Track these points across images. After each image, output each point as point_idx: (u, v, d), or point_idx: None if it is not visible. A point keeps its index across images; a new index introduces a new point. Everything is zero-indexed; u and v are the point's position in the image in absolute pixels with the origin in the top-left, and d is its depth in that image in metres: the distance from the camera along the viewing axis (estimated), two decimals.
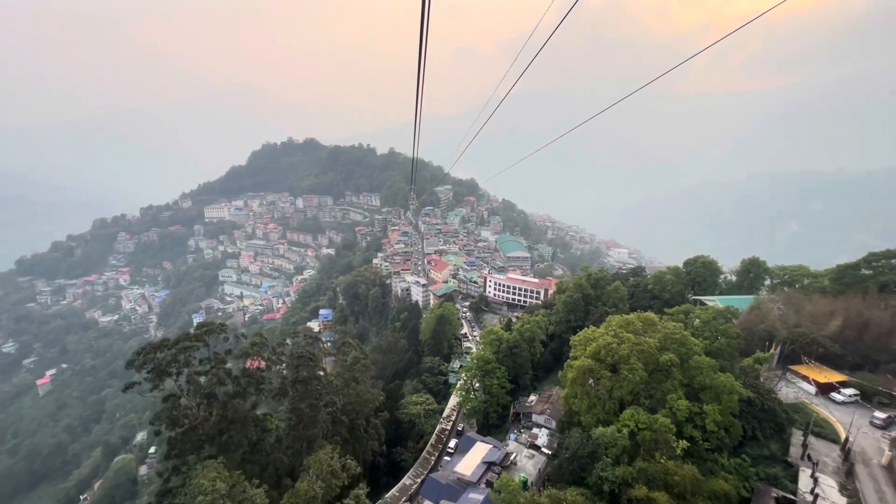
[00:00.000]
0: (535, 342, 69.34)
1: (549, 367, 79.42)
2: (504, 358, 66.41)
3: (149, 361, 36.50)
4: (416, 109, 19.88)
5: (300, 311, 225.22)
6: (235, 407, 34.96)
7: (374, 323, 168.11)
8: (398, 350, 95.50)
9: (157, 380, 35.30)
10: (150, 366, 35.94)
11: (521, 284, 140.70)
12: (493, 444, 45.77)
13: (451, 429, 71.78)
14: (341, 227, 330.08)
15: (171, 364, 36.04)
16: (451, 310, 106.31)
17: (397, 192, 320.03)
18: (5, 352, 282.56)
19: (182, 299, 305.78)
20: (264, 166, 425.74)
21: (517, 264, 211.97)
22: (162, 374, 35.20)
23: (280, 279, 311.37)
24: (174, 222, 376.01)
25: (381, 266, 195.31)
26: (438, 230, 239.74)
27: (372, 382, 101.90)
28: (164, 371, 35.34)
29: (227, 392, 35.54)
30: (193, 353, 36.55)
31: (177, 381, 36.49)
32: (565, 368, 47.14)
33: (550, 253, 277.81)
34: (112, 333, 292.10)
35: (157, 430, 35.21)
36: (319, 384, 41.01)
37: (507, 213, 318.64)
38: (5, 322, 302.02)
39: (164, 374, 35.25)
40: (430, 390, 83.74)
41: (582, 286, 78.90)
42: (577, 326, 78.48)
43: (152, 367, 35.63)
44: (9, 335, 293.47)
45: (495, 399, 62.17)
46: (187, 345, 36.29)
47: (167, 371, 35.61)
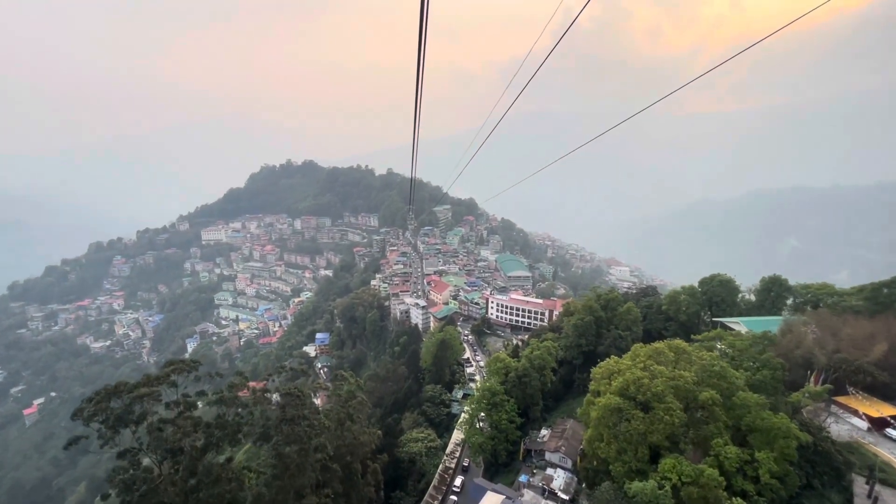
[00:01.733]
0: (546, 370, 64.08)
1: (558, 395, 74.03)
2: (512, 388, 61.03)
3: (100, 411, 30.71)
4: (414, 130, 19.80)
5: (297, 334, 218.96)
6: (206, 464, 29.71)
7: (373, 347, 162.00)
8: (397, 378, 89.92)
9: (110, 432, 30.09)
10: (101, 416, 30.49)
11: (525, 306, 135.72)
12: (505, 493, 40.34)
13: (456, 466, 65.80)
14: (339, 248, 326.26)
15: (127, 414, 30.70)
16: (453, 334, 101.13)
17: (396, 213, 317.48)
18: None
19: (176, 324, 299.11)
20: (262, 188, 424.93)
21: (518, 284, 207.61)
22: (116, 426, 30.11)
23: (277, 302, 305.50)
24: (170, 245, 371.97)
25: (379, 288, 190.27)
26: (438, 250, 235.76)
27: (370, 413, 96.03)
28: (118, 422, 30.22)
29: (195, 446, 30.34)
30: (155, 400, 31.30)
31: (135, 433, 31.33)
32: (585, 405, 42.05)
33: (551, 272, 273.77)
34: (103, 360, 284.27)
35: (106, 494, 29.61)
36: (308, 425, 35.90)
37: (507, 232, 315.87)
38: None
39: (120, 425, 30.12)
40: (431, 422, 77.95)
41: (592, 308, 74.20)
42: (588, 352, 73.53)
43: (104, 417, 30.49)
44: None
45: (504, 435, 56.57)
46: (145, 392, 31.05)
47: (123, 421, 30.43)
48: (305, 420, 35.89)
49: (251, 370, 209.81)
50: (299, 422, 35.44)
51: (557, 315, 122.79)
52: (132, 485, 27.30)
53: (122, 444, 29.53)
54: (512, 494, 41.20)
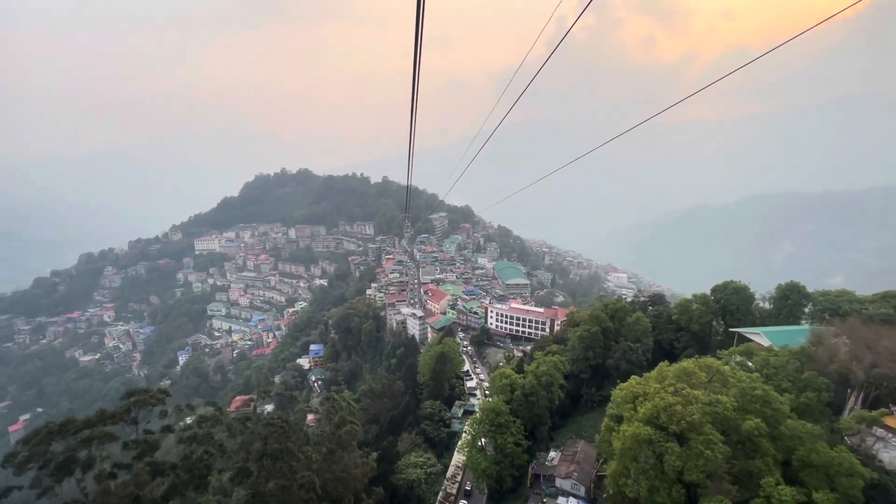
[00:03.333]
0: (554, 388, 59.87)
1: (565, 411, 69.80)
2: (518, 407, 56.77)
3: (37, 456, 26.08)
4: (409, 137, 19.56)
5: (290, 345, 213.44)
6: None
7: (368, 359, 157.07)
8: (393, 394, 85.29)
9: (50, 481, 25.51)
10: (39, 463, 25.74)
11: (525, 315, 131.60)
12: None
13: (458, 491, 61.23)
14: (335, 256, 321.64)
15: (69, 460, 26.06)
16: (452, 346, 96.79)
17: (391, 220, 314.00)
18: None
19: (168, 335, 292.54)
20: (257, 197, 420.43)
21: (517, 292, 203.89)
22: (57, 474, 25.66)
23: (271, 312, 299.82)
24: (163, 255, 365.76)
25: (374, 297, 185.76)
26: (434, 258, 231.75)
27: (365, 431, 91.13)
28: (59, 470, 25.64)
29: (153, 497, 25.85)
30: (108, 441, 26.74)
31: (81, 483, 26.73)
32: (604, 431, 37.90)
33: (549, 279, 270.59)
34: (93, 373, 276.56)
35: None
36: (293, 459, 31.64)
37: (504, 240, 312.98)
38: None
39: (61, 473, 25.72)
40: (430, 441, 73.32)
41: (599, 318, 70.30)
42: (596, 365, 69.54)
43: (43, 464, 25.85)
44: None
45: (509, 459, 52.10)
46: (95, 434, 26.47)
47: (65, 469, 25.95)
48: (290, 454, 31.68)
49: (244, 383, 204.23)
50: (283, 456, 31.24)
51: (560, 325, 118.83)
52: None
53: (64, 496, 24.98)
54: None
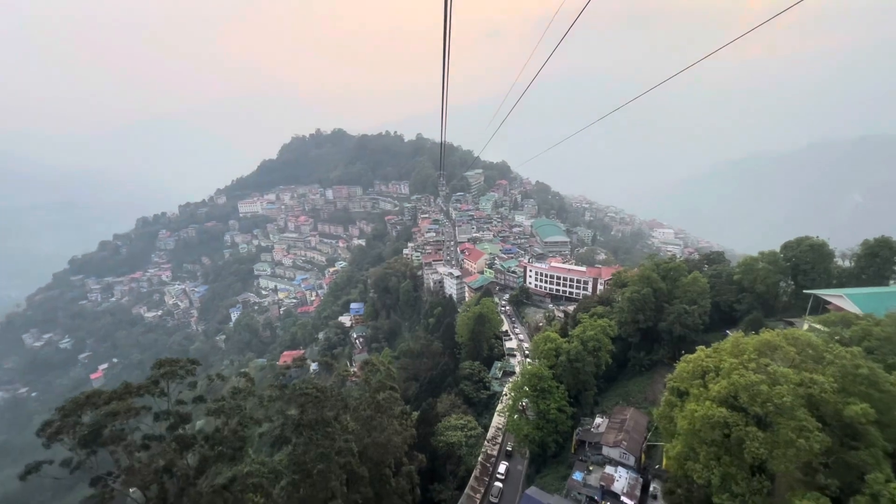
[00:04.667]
0: (602, 353, 56.68)
1: (611, 375, 66.74)
2: (563, 373, 54.34)
3: (66, 429, 25.16)
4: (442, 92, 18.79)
5: (332, 304, 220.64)
6: (193, 495, 24.91)
7: (407, 317, 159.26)
8: (432, 354, 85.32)
9: (83, 454, 25.06)
10: (70, 435, 25.09)
11: (567, 274, 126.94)
12: None
13: (499, 452, 60.88)
14: (371, 216, 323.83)
15: (96, 433, 25.42)
16: (490, 307, 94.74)
17: (426, 179, 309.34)
18: (62, 347, 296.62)
19: (220, 294, 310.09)
20: (294, 159, 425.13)
21: (556, 250, 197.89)
22: (88, 446, 25.24)
23: (313, 271, 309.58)
24: (210, 218, 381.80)
25: (411, 257, 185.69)
26: (470, 216, 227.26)
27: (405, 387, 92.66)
28: (87, 442, 25.13)
29: (186, 470, 25.58)
30: (134, 415, 26.30)
31: (114, 454, 26.21)
32: (664, 407, 34.48)
33: (590, 236, 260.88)
34: (157, 328, 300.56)
35: None
36: (329, 430, 30.93)
37: (542, 196, 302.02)
38: (62, 319, 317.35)
39: (90, 445, 25.23)
40: (469, 402, 73.06)
41: (650, 279, 65.13)
42: (647, 329, 65.20)
43: (77, 437, 25.01)
44: (65, 331, 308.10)
45: (553, 425, 50.37)
46: (117, 408, 26.06)
47: (94, 441, 25.35)
48: (326, 423, 30.88)
49: (290, 339, 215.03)
50: (319, 426, 30.49)
51: (604, 285, 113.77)
52: None
53: (97, 468, 24.99)
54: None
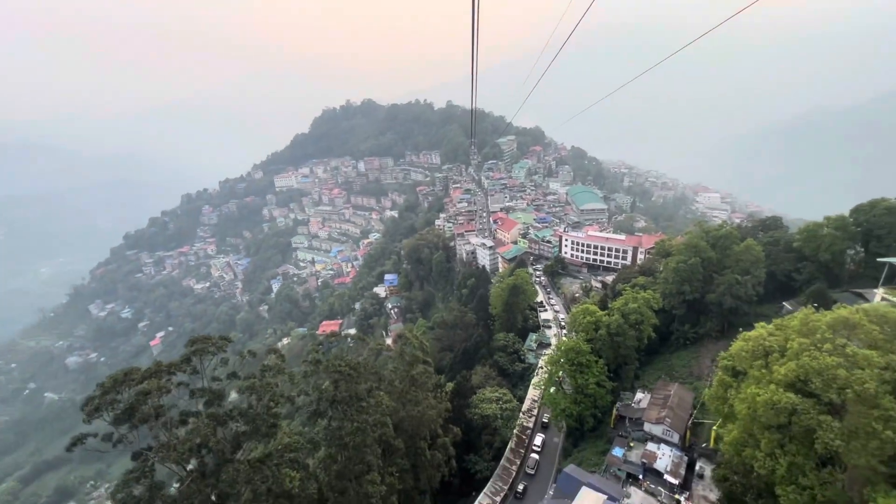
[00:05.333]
0: (644, 326, 54.03)
1: (652, 348, 63.88)
2: (603, 347, 52.34)
3: (105, 406, 25.89)
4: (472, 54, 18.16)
5: (367, 275, 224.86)
6: (232, 470, 25.41)
7: (440, 288, 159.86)
8: (465, 325, 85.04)
9: (126, 430, 25.82)
10: (108, 412, 25.75)
11: (604, 243, 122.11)
12: (605, 490, 32.64)
13: (535, 424, 60.45)
14: (403, 188, 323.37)
15: (132, 410, 25.96)
16: (524, 277, 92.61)
17: (457, 148, 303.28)
18: (124, 316, 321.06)
19: (261, 266, 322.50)
20: (325, 132, 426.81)
21: (593, 218, 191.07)
22: (127, 422, 25.92)
23: (348, 243, 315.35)
24: (248, 193, 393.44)
25: (443, 228, 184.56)
26: (503, 185, 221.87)
27: (439, 357, 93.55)
28: (124, 418, 25.80)
29: (222, 446, 26.06)
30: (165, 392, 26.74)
31: (153, 430, 26.70)
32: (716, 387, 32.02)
33: (629, 203, 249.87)
34: (206, 299, 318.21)
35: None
36: (364, 403, 30.95)
37: (578, 162, 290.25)
38: (122, 291, 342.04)
39: (127, 421, 25.91)
40: (503, 373, 72.67)
41: (698, 248, 60.77)
42: (693, 301, 61.47)
43: (115, 413, 25.69)
44: (125, 302, 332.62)
45: (591, 400, 48.97)
46: (148, 387, 26.03)
47: (131, 418, 25.89)
48: (360, 400, 30.85)
49: (328, 309, 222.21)
50: (352, 402, 30.50)
51: (644, 253, 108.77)
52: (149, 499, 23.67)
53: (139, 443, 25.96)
54: (615, 493, 34.05)
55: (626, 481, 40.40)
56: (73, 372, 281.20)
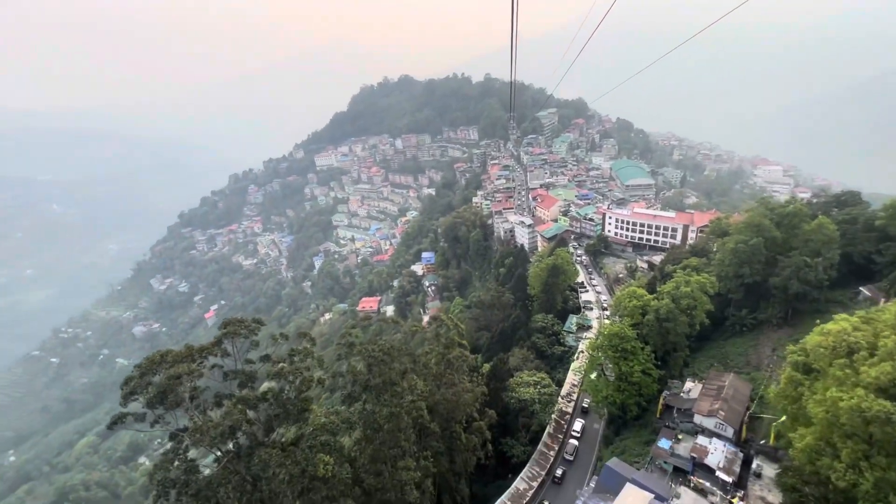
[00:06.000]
0: (698, 312, 50.16)
1: (703, 334, 59.71)
2: (650, 333, 49.22)
3: (139, 389, 26.22)
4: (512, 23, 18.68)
5: (405, 253, 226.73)
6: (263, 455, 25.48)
7: (477, 266, 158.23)
8: (503, 306, 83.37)
9: (161, 411, 26.08)
10: (143, 394, 26.08)
11: (651, 220, 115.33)
12: (652, 489, 30.59)
13: (575, 408, 58.72)
14: (440, 165, 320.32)
15: (165, 392, 25.94)
16: (565, 257, 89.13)
17: (496, 122, 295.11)
18: (181, 290, 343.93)
19: (304, 244, 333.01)
20: (363, 110, 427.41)
21: (639, 194, 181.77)
22: (160, 404, 25.96)
23: (386, 221, 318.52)
24: (291, 173, 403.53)
25: (481, 205, 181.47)
26: (543, 160, 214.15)
27: (476, 336, 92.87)
28: (157, 401, 25.83)
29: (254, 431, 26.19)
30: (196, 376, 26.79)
31: (188, 411, 26.84)
32: (785, 384, 28.88)
33: (679, 177, 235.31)
34: (254, 275, 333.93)
35: None
36: (398, 387, 30.46)
37: (623, 135, 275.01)
38: (178, 266, 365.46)
39: (160, 404, 25.93)
40: (541, 355, 70.87)
41: (761, 227, 55.27)
42: (753, 284, 56.43)
43: (149, 397, 25.92)
44: (182, 277, 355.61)
45: (636, 388, 46.45)
46: (179, 371, 25.95)
47: (164, 401, 25.94)
48: (394, 385, 30.35)
49: (368, 286, 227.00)
50: (386, 388, 30.05)
51: (696, 232, 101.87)
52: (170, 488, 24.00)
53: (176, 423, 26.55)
54: (662, 491, 31.97)
55: (672, 476, 38.16)
56: (139, 340, 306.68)
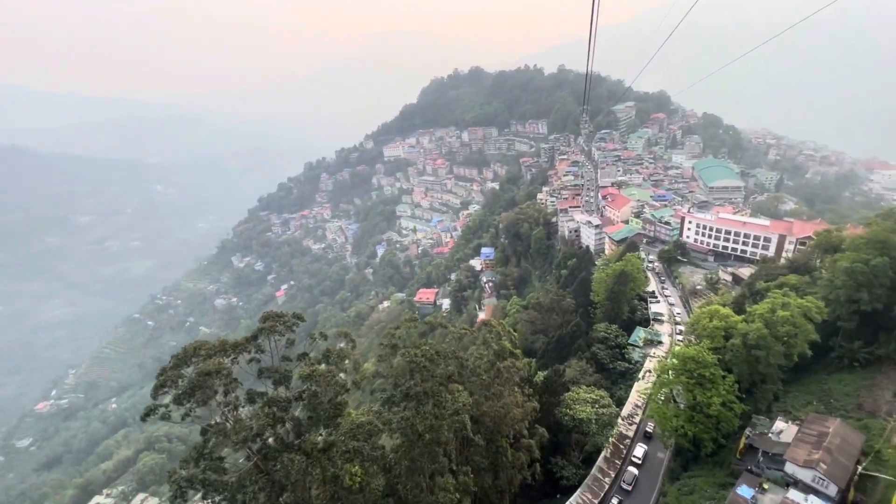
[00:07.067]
0: (798, 341, 42.73)
1: (801, 363, 51.31)
2: (735, 359, 42.82)
3: (169, 383, 25.80)
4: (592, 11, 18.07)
5: (464, 247, 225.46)
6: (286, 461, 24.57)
7: (538, 266, 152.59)
8: (562, 310, 78.46)
9: (193, 406, 25.47)
10: (172, 390, 25.70)
11: (740, 228, 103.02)
12: None
13: (636, 433, 53.45)
14: (506, 159, 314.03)
15: (195, 389, 25.30)
16: (635, 263, 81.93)
17: (567, 116, 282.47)
18: (257, 269, 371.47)
19: (368, 231, 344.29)
20: (432, 102, 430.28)
21: (725, 197, 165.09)
22: (188, 401, 25.35)
23: (448, 214, 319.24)
24: (360, 162, 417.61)
25: (545, 202, 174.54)
26: (617, 157, 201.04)
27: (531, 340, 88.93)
28: (185, 397, 25.25)
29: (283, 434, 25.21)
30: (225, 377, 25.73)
31: (220, 405, 26.28)
32: None
33: (774, 180, 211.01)
34: (321, 259, 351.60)
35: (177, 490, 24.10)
36: (440, 398, 28.41)
37: (710, 131, 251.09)
38: (255, 246, 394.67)
39: (187, 400, 25.32)
40: (601, 368, 65.55)
41: (888, 244, 45.91)
42: (871, 312, 47.26)
43: (176, 393, 25.52)
44: (258, 257, 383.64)
45: (713, 421, 40.57)
46: (208, 369, 25.34)
47: (194, 396, 25.29)
48: (435, 396, 28.39)
49: (426, 277, 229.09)
50: (426, 400, 28.17)
51: (795, 244, 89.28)
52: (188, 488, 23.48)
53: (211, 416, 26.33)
54: None
55: None
56: (219, 311, 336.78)
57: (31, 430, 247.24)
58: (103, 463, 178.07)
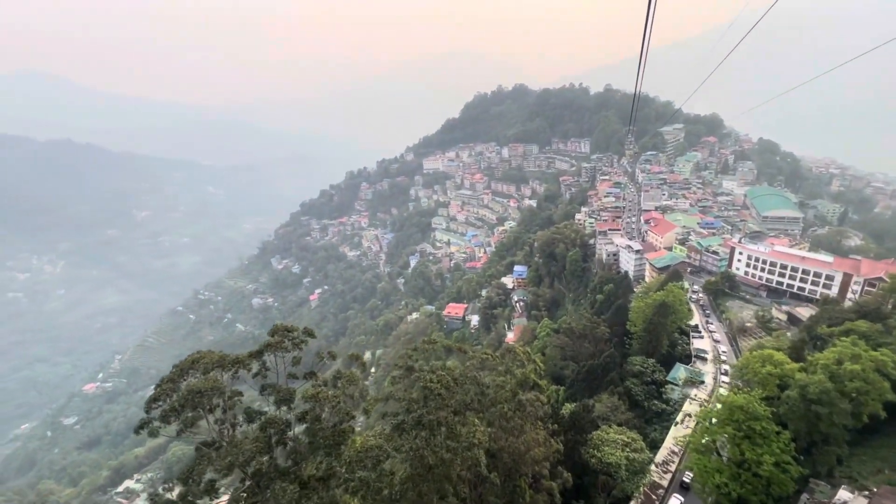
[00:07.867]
0: (870, 400, 37.46)
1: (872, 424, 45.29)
2: (790, 413, 38.08)
3: (163, 396, 24.64)
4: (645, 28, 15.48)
5: (497, 263, 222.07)
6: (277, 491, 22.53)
7: (572, 289, 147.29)
8: (595, 339, 74.13)
9: (186, 422, 24.50)
10: (165, 404, 24.53)
11: (797, 263, 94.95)
12: None
13: (672, 483, 48.79)
14: (545, 176, 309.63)
15: (184, 408, 24.20)
16: (678, 294, 76.65)
17: (611, 136, 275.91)
18: (294, 272, 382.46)
19: (403, 242, 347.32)
20: (474, 117, 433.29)
21: (780, 228, 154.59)
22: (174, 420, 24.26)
23: (483, 229, 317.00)
24: (400, 173, 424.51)
25: (584, 223, 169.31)
26: (662, 180, 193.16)
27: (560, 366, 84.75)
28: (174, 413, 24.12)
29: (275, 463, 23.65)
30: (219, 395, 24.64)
31: (218, 422, 25.22)
32: None
33: (838, 213, 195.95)
34: (355, 266, 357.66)
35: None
36: (454, 430, 26.29)
37: (766, 157, 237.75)
38: (294, 250, 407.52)
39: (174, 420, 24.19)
40: (635, 405, 60.90)
41: None
42: None
43: (164, 409, 24.37)
44: (296, 260, 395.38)
45: (764, 482, 35.89)
46: (203, 387, 24.11)
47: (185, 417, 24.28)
48: (446, 427, 26.34)
49: (456, 292, 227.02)
50: (438, 431, 26.18)
51: (862, 285, 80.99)
52: None
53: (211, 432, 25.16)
54: None
55: None
56: (255, 310, 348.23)
57: (77, 409, 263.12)
58: (136, 448, 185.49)
